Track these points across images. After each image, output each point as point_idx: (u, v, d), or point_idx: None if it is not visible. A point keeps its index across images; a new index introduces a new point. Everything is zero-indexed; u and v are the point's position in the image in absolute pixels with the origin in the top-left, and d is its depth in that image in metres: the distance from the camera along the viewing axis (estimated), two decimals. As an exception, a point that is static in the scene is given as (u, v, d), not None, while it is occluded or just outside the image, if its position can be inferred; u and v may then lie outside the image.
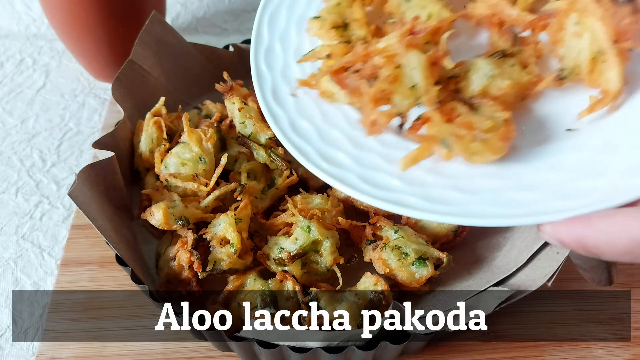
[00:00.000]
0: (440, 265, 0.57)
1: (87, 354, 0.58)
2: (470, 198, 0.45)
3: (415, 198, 0.45)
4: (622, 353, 0.59)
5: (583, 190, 0.42)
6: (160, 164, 0.64)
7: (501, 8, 0.53)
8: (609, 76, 0.46)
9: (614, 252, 0.37)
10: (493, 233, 0.64)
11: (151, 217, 0.58)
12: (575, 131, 0.48)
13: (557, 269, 0.52)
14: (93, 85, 0.95)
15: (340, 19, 0.57)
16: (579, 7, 0.47)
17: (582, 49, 0.47)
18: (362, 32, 0.56)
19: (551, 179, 0.44)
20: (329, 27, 0.57)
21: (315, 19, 0.57)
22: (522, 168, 0.46)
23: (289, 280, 0.57)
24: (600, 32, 0.46)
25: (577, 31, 0.48)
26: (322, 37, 0.57)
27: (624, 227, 0.36)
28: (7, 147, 0.85)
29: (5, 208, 0.77)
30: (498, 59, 0.49)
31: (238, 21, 1.10)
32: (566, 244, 0.39)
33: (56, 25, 0.86)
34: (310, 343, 0.48)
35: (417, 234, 0.59)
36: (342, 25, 0.57)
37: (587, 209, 0.39)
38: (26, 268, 0.70)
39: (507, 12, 0.52)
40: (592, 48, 0.47)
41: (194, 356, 0.58)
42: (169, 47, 0.75)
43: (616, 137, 0.46)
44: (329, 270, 0.59)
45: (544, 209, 0.41)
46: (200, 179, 0.62)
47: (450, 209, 0.44)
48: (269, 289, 0.56)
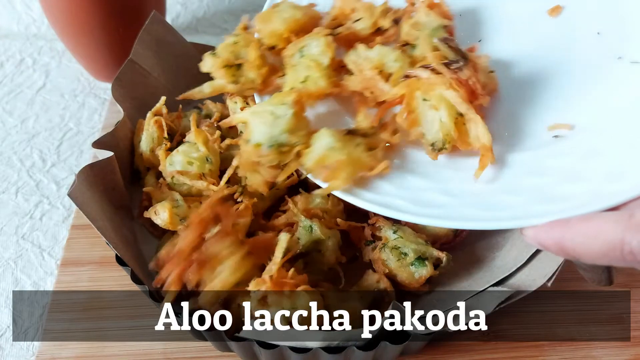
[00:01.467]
0: (440, 265, 0.57)
1: (87, 354, 0.58)
2: (457, 201, 0.46)
3: (404, 201, 0.46)
4: (622, 353, 0.59)
5: (563, 195, 0.43)
6: (165, 161, 0.64)
7: (375, 82, 0.52)
8: (478, 133, 0.47)
9: (591, 255, 0.37)
10: (493, 233, 0.64)
11: (156, 216, 0.58)
12: (561, 137, 0.50)
13: (557, 269, 0.52)
14: (93, 85, 0.95)
15: (234, 58, 0.56)
16: (420, 85, 0.48)
17: (442, 120, 0.48)
18: (253, 74, 0.55)
19: (534, 184, 0.45)
20: (220, 65, 0.55)
21: (211, 55, 0.56)
22: (507, 173, 0.48)
23: None
24: (454, 98, 0.47)
25: (431, 105, 0.48)
26: (214, 74, 0.57)
27: (600, 230, 0.37)
28: (7, 147, 0.85)
29: (5, 208, 0.77)
30: (344, 135, 0.48)
31: (238, 21, 1.09)
32: (546, 247, 0.40)
33: (56, 26, 0.86)
34: (310, 343, 0.48)
35: (416, 234, 0.59)
36: (235, 64, 0.56)
37: (566, 213, 0.40)
38: (26, 268, 0.70)
39: (379, 87, 0.52)
40: (451, 115, 0.47)
41: (194, 356, 0.58)
42: (169, 47, 0.75)
43: (598, 144, 0.47)
44: (330, 270, 0.59)
45: (526, 212, 0.43)
46: (207, 178, 0.62)
47: (438, 211, 0.45)
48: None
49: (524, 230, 0.42)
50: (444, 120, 0.48)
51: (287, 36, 0.56)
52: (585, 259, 0.38)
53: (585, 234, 0.37)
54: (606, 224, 0.37)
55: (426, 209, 0.46)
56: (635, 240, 0.35)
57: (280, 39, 0.57)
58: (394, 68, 0.52)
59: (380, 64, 0.52)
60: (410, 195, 0.47)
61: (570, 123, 0.51)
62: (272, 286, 0.50)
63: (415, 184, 0.48)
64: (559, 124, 0.51)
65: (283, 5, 0.58)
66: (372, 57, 0.52)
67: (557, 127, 0.51)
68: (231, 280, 0.52)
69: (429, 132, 0.49)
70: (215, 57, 0.56)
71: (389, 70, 0.52)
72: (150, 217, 0.59)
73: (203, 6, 1.12)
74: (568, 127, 0.51)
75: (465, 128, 0.48)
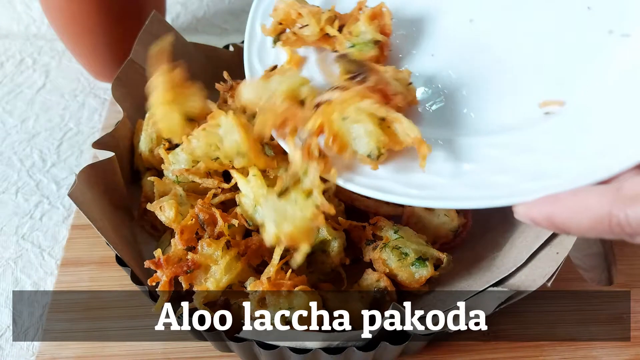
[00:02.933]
0: (440, 265, 0.57)
1: (87, 354, 0.58)
2: (448, 182, 0.47)
3: (397, 184, 0.48)
4: (622, 353, 0.59)
5: (553, 171, 0.44)
6: (169, 159, 0.63)
7: (293, 112, 0.51)
8: (405, 130, 0.47)
9: (580, 229, 0.38)
10: (493, 233, 0.64)
11: (161, 212, 0.58)
12: (552, 114, 0.50)
13: (557, 269, 0.52)
14: (93, 85, 0.95)
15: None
16: (334, 107, 0.48)
17: (368, 130, 0.48)
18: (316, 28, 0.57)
19: (525, 161, 0.46)
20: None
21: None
22: (498, 152, 0.49)
23: None
24: (370, 106, 0.47)
25: (352, 120, 0.48)
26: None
27: (588, 204, 0.37)
28: (7, 147, 0.85)
29: (5, 208, 0.77)
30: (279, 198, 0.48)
31: (238, 21, 1.10)
32: (537, 222, 0.41)
33: (56, 26, 0.86)
34: (310, 344, 0.48)
35: (417, 234, 0.59)
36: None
37: (556, 188, 0.41)
38: (26, 268, 0.70)
39: (300, 115, 0.51)
40: (374, 122, 0.48)
41: (194, 356, 0.58)
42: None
43: (589, 119, 0.48)
44: (333, 271, 0.59)
45: (517, 190, 0.44)
46: (215, 176, 0.62)
47: (430, 193, 0.46)
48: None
49: (515, 207, 0.42)
50: (369, 129, 0.48)
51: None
52: (574, 232, 0.39)
53: (574, 208, 0.38)
54: (594, 198, 0.37)
55: (419, 191, 0.47)
56: (623, 213, 0.35)
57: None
58: (305, 94, 0.52)
59: (292, 94, 0.52)
60: (403, 179, 0.48)
61: (562, 99, 0.51)
62: (269, 287, 0.50)
63: (407, 168, 0.49)
64: (550, 101, 0.51)
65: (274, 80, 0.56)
66: (281, 89, 0.52)
67: (549, 103, 0.51)
68: (224, 281, 0.53)
69: (361, 147, 0.49)
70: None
71: (302, 96, 0.52)
72: (155, 211, 0.58)
73: (203, 6, 1.12)
74: (560, 103, 0.51)
75: (392, 129, 0.48)
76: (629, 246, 0.68)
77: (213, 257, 0.53)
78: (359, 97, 0.48)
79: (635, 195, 0.35)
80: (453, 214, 0.61)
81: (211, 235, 0.55)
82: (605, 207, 0.36)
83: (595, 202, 0.37)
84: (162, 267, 0.52)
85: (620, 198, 0.36)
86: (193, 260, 0.52)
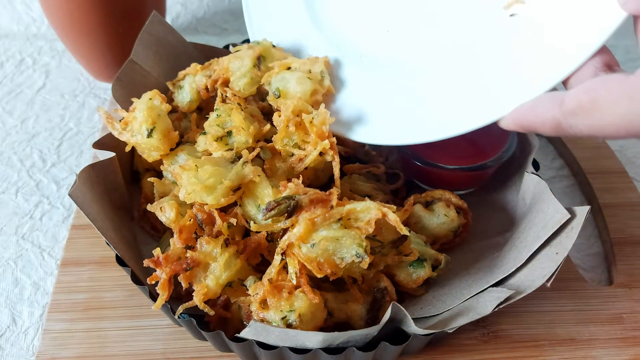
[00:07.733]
0: (438, 267, 0.57)
1: (87, 354, 0.58)
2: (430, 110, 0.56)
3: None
4: (622, 353, 0.59)
5: (526, 79, 0.52)
6: (168, 160, 0.63)
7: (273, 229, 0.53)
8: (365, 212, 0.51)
9: (545, 132, 0.48)
10: (493, 233, 0.64)
11: (161, 213, 0.58)
12: (517, 15, 0.56)
13: (557, 269, 0.52)
14: (93, 85, 0.95)
15: (222, 129, 0.60)
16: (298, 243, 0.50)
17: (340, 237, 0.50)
18: (243, 138, 0.59)
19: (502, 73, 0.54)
20: (211, 140, 0.59)
21: (202, 135, 0.62)
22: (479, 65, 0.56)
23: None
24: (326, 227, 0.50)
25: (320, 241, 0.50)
26: (211, 149, 0.60)
27: (545, 109, 0.47)
28: (7, 147, 0.85)
29: (5, 208, 0.77)
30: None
31: (238, 21, 1.10)
32: (512, 128, 0.52)
33: (56, 26, 0.86)
34: (310, 344, 0.48)
35: (416, 234, 0.59)
36: (225, 134, 0.60)
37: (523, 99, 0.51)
38: (26, 268, 0.70)
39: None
40: (341, 230, 0.50)
41: (194, 356, 0.58)
42: (169, 47, 0.75)
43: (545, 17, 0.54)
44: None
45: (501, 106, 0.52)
46: None
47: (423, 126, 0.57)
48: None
49: (501, 121, 0.53)
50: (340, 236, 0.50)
51: None
52: (540, 131, 0.49)
53: (535, 116, 0.49)
54: (548, 103, 0.47)
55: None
56: (567, 124, 0.45)
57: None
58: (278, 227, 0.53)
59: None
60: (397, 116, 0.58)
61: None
62: (269, 289, 0.50)
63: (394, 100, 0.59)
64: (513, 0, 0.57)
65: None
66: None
67: (512, 3, 0.57)
68: (223, 278, 0.53)
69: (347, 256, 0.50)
70: (205, 135, 0.61)
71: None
72: (155, 212, 0.58)
73: (203, 6, 1.12)
74: (521, 1, 0.56)
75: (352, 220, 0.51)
76: (629, 246, 0.69)
77: (212, 255, 0.53)
78: (310, 223, 0.50)
79: (573, 109, 0.44)
80: (453, 214, 0.61)
81: (210, 235, 0.55)
82: (557, 117, 0.46)
83: (550, 107, 0.47)
84: (161, 266, 0.52)
85: (564, 113, 0.45)
86: (192, 258, 0.52)
